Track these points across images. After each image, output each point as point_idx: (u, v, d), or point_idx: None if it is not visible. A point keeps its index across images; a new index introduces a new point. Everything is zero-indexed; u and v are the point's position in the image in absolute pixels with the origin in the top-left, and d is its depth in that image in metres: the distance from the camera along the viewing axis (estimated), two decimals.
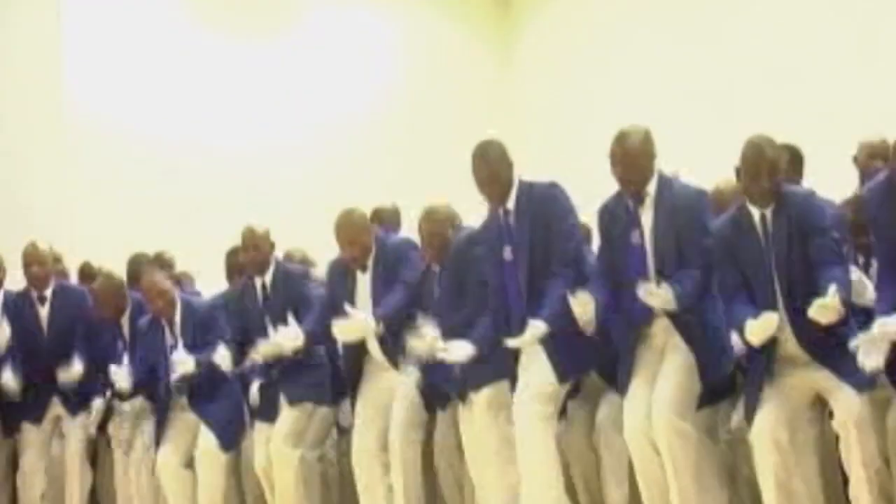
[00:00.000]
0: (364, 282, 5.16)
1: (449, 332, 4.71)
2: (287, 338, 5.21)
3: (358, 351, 5.20)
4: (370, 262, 5.15)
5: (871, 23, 7.80)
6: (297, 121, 10.14)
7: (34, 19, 9.30)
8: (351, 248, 5.12)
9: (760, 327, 3.81)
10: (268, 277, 5.57)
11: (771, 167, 3.91)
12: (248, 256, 5.63)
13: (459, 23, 11.15)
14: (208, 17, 9.96)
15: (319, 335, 5.28)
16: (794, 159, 4.54)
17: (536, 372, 4.41)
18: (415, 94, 10.76)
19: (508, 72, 11.26)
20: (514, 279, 4.52)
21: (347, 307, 4.96)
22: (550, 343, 4.36)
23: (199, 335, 5.75)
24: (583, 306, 4.24)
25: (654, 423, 4.08)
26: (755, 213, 3.97)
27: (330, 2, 10.58)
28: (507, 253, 4.53)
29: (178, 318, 5.80)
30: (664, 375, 4.15)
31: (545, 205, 4.49)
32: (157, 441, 5.75)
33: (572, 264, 4.46)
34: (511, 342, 4.35)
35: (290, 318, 5.24)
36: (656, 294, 4.05)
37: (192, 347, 5.69)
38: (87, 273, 6.87)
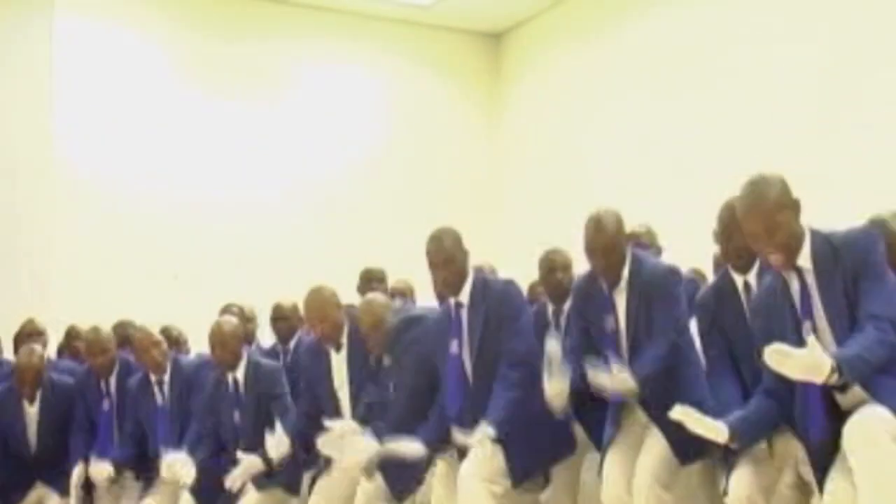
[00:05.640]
0: (339, 360, 5.05)
1: (399, 426, 4.54)
2: (274, 447, 5.10)
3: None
4: (344, 340, 5.03)
5: (836, 93, 7.97)
6: (284, 180, 10.17)
7: (24, 79, 9.37)
8: (321, 325, 4.99)
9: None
10: (240, 373, 5.45)
11: None
12: (217, 355, 5.47)
13: (448, 83, 11.20)
14: (198, 76, 10.01)
15: (302, 433, 5.13)
16: None
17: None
18: (403, 153, 10.80)
19: (497, 132, 11.29)
20: (455, 372, 4.42)
21: (326, 422, 4.74)
22: (504, 448, 4.24)
23: (186, 394, 5.78)
24: (556, 394, 4.09)
25: (636, 490, 4.04)
26: (738, 280, 3.87)
27: (318, 61, 10.64)
28: (454, 346, 4.42)
29: (167, 377, 5.81)
30: (648, 445, 4.10)
31: (499, 302, 4.38)
32: None
33: (522, 364, 4.31)
34: (459, 438, 4.21)
35: (278, 426, 5.13)
36: (614, 379, 3.92)
37: (179, 406, 5.75)
38: (74, 335, 6.85)
